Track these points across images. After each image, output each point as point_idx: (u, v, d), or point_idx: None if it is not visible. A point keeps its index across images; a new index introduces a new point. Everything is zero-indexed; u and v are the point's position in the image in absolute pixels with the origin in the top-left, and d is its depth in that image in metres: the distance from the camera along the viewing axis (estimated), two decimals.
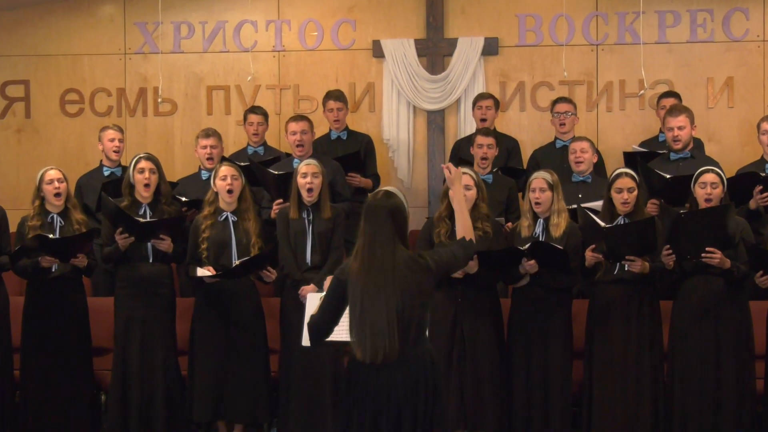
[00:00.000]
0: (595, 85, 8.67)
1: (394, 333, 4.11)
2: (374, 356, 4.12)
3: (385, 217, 4.19)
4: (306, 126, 7.14)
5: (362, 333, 4.13)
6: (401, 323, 4.13)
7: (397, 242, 4.20)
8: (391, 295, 4.12)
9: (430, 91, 8.71)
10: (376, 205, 4.23)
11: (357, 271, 4.17)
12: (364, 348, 4.14)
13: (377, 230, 4.18)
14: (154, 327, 6.31)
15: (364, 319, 4.13)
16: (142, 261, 6.33)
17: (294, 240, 6.30)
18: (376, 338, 4.11)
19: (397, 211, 4.24)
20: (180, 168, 8.67)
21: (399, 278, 4.14)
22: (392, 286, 4.12)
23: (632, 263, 5.84)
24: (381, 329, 4.10)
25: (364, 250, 4.17)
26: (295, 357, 6.18)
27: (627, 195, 5.95)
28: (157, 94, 8.92)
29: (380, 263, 4.14)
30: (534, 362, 5.99)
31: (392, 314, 4.11)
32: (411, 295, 4.17)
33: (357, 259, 4.19)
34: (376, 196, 4.31)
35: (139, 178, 6.32)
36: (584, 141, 7.01)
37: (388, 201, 4.25)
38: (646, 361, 5.95)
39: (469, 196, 5.89)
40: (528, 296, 6.03)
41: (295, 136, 7.11)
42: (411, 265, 4.20)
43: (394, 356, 4.13)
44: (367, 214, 4.24)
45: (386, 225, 4.19)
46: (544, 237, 5.99)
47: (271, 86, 8.91)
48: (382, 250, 4.16)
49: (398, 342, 4.11)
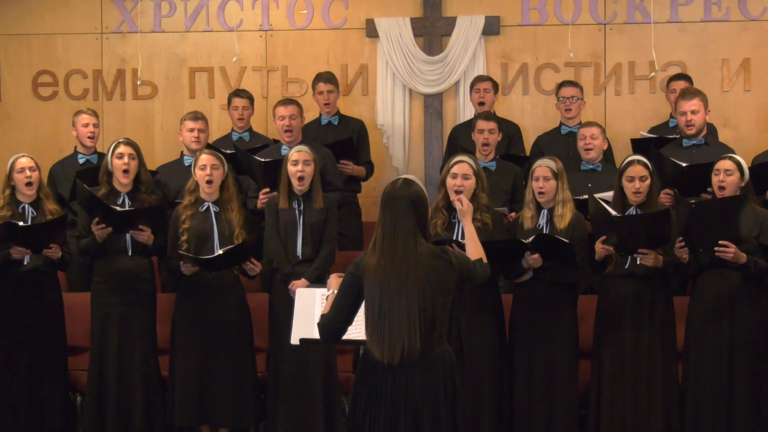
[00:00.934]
0: (602, 67, 8.65)
1: (416, 333, 4.09)
2: (392, 357, 4.10)
3: (406, 207, 4.16)
4: (295, 110, 7.11)
5: (381, 332, 4.11)
6: (423, 322, 4.11)
7: (418, 235, 4.17)
8: (413, 292, 4.10)
9: (427, 74, 8.68)
10: (396, 195, 4.19)
11: (375, 266, 4.13)
12: (382, 348, 4.12)
13: (398, 221, 4.15)
14: (133, 324, 6.29)
15: (383, 318, 4.10)
16: (121, 254, 6.32)
17: (284, 232, 6.28)
18: (395, 338, 4.09)
19: (419, 201, 4.20)
20: (160, 155, 8.63)
21: (421, 274, 4.11)
22: (414, 282, 4.10)
23: (645, 256, 5.82)
24: (401, 329, 4.08)
25: (383, 243, 4.14)
26: (284, 356, 6.17)
27: (639, 184, 5.93)
28: (136, 76, 8.89)
29: (402, 257, 4.11)
30: (538, 363, 5.98)
31: (414, 313, 4.09)
32: (433, 293, 4.14)
33: (375, 253, 4.15)
34: (395, 185, 4.25)
35: (117, 164, 6.29)
36: (594, 126, 7.00)
37: (409, 190, 4.21)
38: (659, 361, 5.94)
39: (466, 186, 5.87)
40: (531, 292, 6.02)
41: (284, 121, 7.08)
42: (433, 260, 4.17)
43: (415, 357, 4.11)
44: (386, 204, 4.20)
45: (408, 216, 4.15)
46: (548, 228, 5.97)
47: (258, 68, 8.88)
48: (404, 242, 4.12)
49: (419, 342, 4.09)
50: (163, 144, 8.83)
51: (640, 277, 5.93)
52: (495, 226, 5.97)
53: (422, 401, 4.16)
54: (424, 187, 4.35)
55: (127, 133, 8.25)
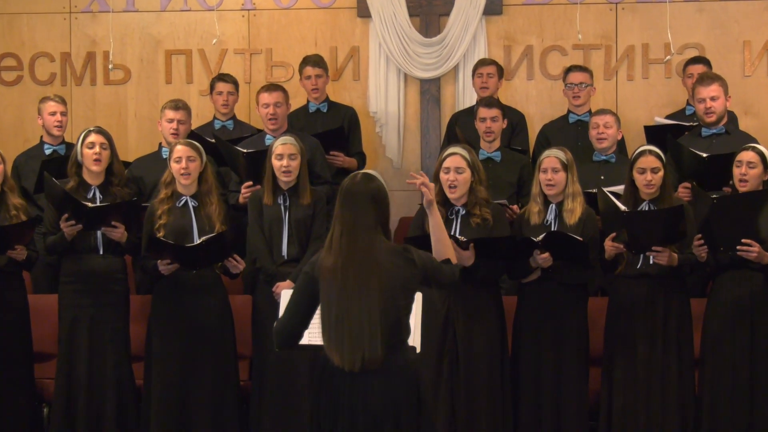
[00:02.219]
0: (614, 50, 8.65)
1: (377, 337, 4.12)
2: (353, 363, 4.13)
3: (366, 203, 4.21)
4: (280, 97, 7.10)
5: (339, 337, 4.14)
6: (385, 325, 4.14)
7: (379, 232, 4.22)
8: (373, 292, 4.13)
9: (424, 57, 8.68)
10: (356, 190, 4.25)
11: (332, 266, 4.17)
12: (341, 354, 4.14)
13: (357, 218, 4.19)
14: (104, 329, 6.29)
15: (342, 322, 4.13)
16: (91, 252, 6.32)
17: (268, 229, 6.29)
18: (355, 343, 4.12)
19: (380, 197, 4.26)
20: (134, 145, 8.63)
21: (382, 273, 4.15)
22: (375, 282, 4.13)
23: (658, 254, 5.82)
24: (361, 332, 4.11)
25: (341, 241, 4.18)
26: (269, 363, 6.18)
27: (651, 176, 5.93)
28: (108, 59, 8.86)
29: (361, 256, 4.15)
30: (545, 369, 5.99)
31: (375, 315, 4.12)
32: (395, 293, 4.18)
33: (331, 252, 4.19)
34: (354, 179, 4.31)
35: (88, 154, 6.29)
36: (608, 114, 7.02)
37: (369, 185, 4.26)
38: (674, 369, 5.94)
39: (461, 180, 5.88)
40: (539, 293, 6.02)
41: (268, 108, 7.07)
42: (395, 258, 4.21)
43: (377, 364, 4.14)
44: (344, 199, 4.25)
45: (367, 212, 4.21)
46: (556, 224, 5.98)
47: (240, 50, 8.87)
48: (363, 240, 4.17)
49: (380, 347, 4.12)
50: (137, 133, 8.82)
51: (653, 277, 5.94)
52: (496, 221, 5.96)
53: (383, 412, 4.19)
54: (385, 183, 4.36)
55: (98, 122, 8.24)
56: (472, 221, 5.90)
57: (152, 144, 7.65)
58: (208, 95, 8.10)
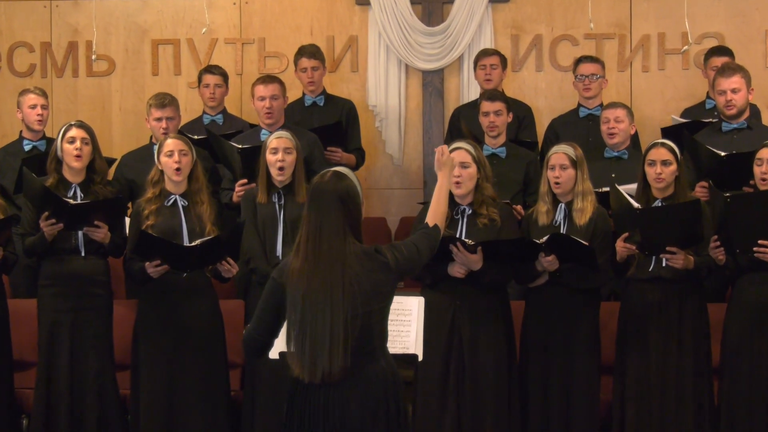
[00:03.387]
0: (628, 40, 8.67)
1: (338, 348, 4.12)
2: (312, 375, 4.15)
3: (333, 204, 4.22)
4: (277, 89, 7.13)
5: (301, 346, 4.16)
6: (351, 334, 4.14)
7: (348, 234, 4.22)
8: (338, 300, 4.14)
9: (426, 47, 8.70)
10: (323, 189, 4.25)
11: (298, 271, 4.19)
12: (302, 365, 4.17)
13: (324, 219, 4.20)
14: (86, 335, 6.29)
15: (304, 330, 4.15)
16: (72, 254, 6.32)
17: (262, 228, 6.31)
18: (317, 353, 4.13)
19: (348, 197, 4.26)
20: (118, 140, 8.65)
21: (349, 278, 4.16)
22: (340, 288, 4.15)
23: (673, 257, 5.83)
24: (323, 343, 4.12)
25: (307, 244, 4.20)
26: (261, 372, 6.19)
27: (661, 168, 5.95)
28: (91, 49, 8.89)
29: (327, 260, 4.16)
30: (553, 379, 6.00)
31: (337, 324, 4.12)
32: (365, 300, 4.18)
33: (298, 256, 4.21)
34: (323, 178, 4.31)
35: (68, 149, 6.29)
36: (620, 108, 7.02)
37: (338, 184, 4.27)
38: (690, 378, 5.95)
39: (465, 175, 5.90)
40: (546, 298, 6.03)
41: (264, 102, 7.09)
42: (365, 262, 4.22)
43: (337, 377, 4.15)
44: (312, 199, 4.26)
45: (335, 213, 4.21)
46: (566, 225, 5.99)
47: (231, 40, 8.89)
48: (329, 243, 4.18)
49: (343, 358, 4.12)
50: (122, 128, 8.84)
51: (667, 280, 5.94)
52: (504, 222, 5.98)
53: (360, 424, 4.20)
54: (357, 181, 4.37)
55: (80, 115, 8.28)
56: (479, 221, 5.91)
57: (138, 139, 7.67)
58: (197, 88, 8.11)
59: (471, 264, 5.75)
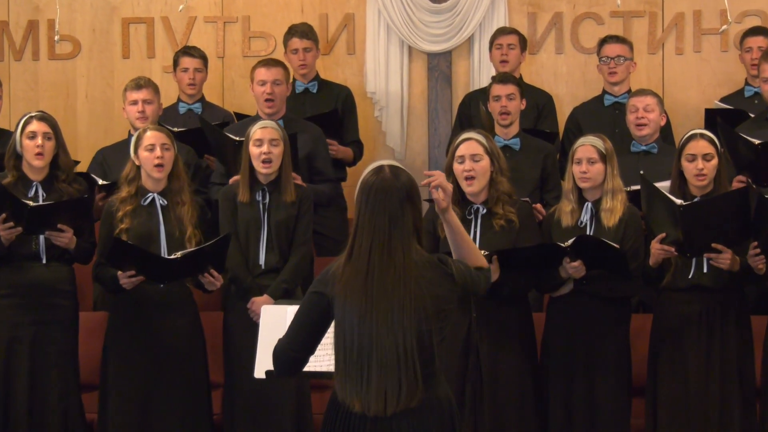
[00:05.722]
0: (659, 18, 8.69)
1: (415, 372, 4.02)
2: (381, 407, 4.01)
3: (403, 204, 4.09)
4: (280, 74, 7.17)
5: (361, 374, 4.02)
6: (420, 356, 4.03)
7: (414, 240, 4.11)
8: (409, 316, 4.03)
9: (432, 26, 8.72)
10: (388, 187, 4.10)
11: (357, 285, 4.05)
12: (366, 396, 4.03)
13: (395, 223, 4.07)
14: (48, 351, 6.30)
15: (365, 354, 4.02)
16: (33, 261, 6.31)
17: (244, 232, 6.30)
18: (388, 381, 4.01)
19: (416, 194, 4.14)
20: (84, 132, 8.66)
21: (417, 291, 4.04)
22: (411, 305, 4.03)
23: (719, 256, 5.81)
24: (393, 368, 4.00)
25: (372, 254, 4.05)
26: (244, 393, 6.19)
27: (703, 164, 5.96)
28: (53, 29, 8.88)
29: (396, 272, 4.04)
30: (578, 399, 6.01)
31: (410, 348, 4.01)
32: (428, 315, 4.07)
33: (355, 266, 4.07)
34: (380, 174, 4.14)
35: (28, 146, 6.29)
36: (649, 95, 7.03)
37: (402, 179, 4.13)
38: (732, 399, 5.96)
39: (478, 169, 5.90)
40: (571, 309, 6.05)
41: (264, 87, 7.12)
42: (429, 272, 4.10)
43: (415, 402, 4.04)
44: (373, 199, 4.10)
45: (405, 215, 4.08)
46: (593, 227, 6.00)
47: (211, 19, 8.91)
48: (400, 252, 4.05)
49: (417, 387, 4.02)
50: (88, 117, 8.85)
51: (707, 290, 5.94)
52: (523, 223, 5.99)
53: None
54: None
55: (42, 104, 8.28)
56: (494, 223, 5.90)
57: (107, 131, 7.68)
58: (172, 72, 8.11)
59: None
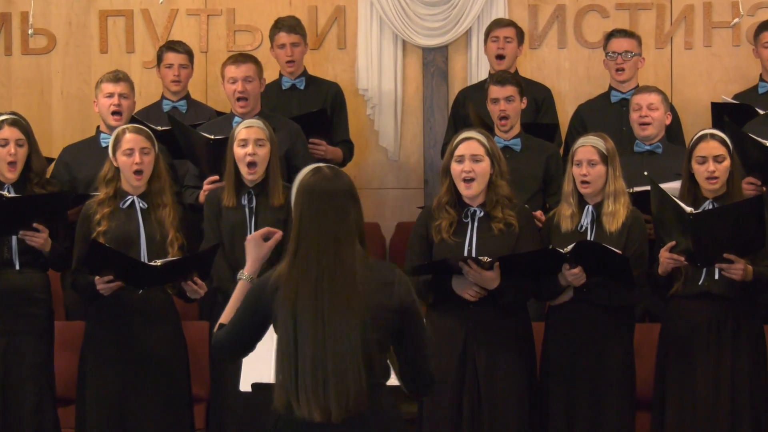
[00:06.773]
0: (668, 11, 8.70)
1: (361, 377, 4.07)
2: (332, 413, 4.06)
3: (346, 204, 4.20)
4: (251, 70, 7.15)
5: (310, 380, 4.06)
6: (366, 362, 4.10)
7: (357, 241, 4.20)
8: (356, 318, 4.09)
9: (428, 19, 8.73)
10: (330, 188, 4.20)
11: (305, 291, 4.11)
12: (313, 402, 4.06)
13: (339, 224, 4.16)
14: (21, 363, 6.30)
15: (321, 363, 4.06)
16: (4, 266, 6.33)
17: (229, 237, 6.32)
18: (339, 386, 4.06)
19: (356, 195, 4.25)
20: (60, 131, 8.67)
21: (363, 297, 4.11)
22: (358, 308, 4.10)
23: (731, 266, 5.82)
24: (345, 372, 4.06)
25: (318, 256, 4.12)
26: (229, 407, 6.21)
27: (714, 166, 5.96)
28: (27, 22, 8.88)
29: (342, 274, 4.11)
30: (580, 412, 6.01)
31: (357, 353, 4.07)
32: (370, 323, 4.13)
33: (299, 269, 4.14)
34: (319, 173, 4.23)
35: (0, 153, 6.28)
36: (654, 92, 7.04)
37: (343, 179, 4.24)
38: (744, 414, 5.96)
39: (478, 170, 5.90)
40: (571, 318, 6.05)
41: (235, 85, 7.11)
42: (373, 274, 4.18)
43: (364, 407, 4.09)
44: (315, 201, 4.19)
45: (348, 215, 4.18)
46: (594, 232, 6.01)
47: (194, 11, 8.92)
48: (346, 253, 4.13)
49: (364, 393, 4.07)
50: (63, 115, 8.86)
51: (717, 298, 5.95)
52: (523, 227, 5.98)
53: None
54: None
55: (14, 102, 8.29)
56: (493, 227, 5.90)
57: (83, 129, 7.67)
58: (155, 68, 8.11)
59: (486, 283, 5.74)
